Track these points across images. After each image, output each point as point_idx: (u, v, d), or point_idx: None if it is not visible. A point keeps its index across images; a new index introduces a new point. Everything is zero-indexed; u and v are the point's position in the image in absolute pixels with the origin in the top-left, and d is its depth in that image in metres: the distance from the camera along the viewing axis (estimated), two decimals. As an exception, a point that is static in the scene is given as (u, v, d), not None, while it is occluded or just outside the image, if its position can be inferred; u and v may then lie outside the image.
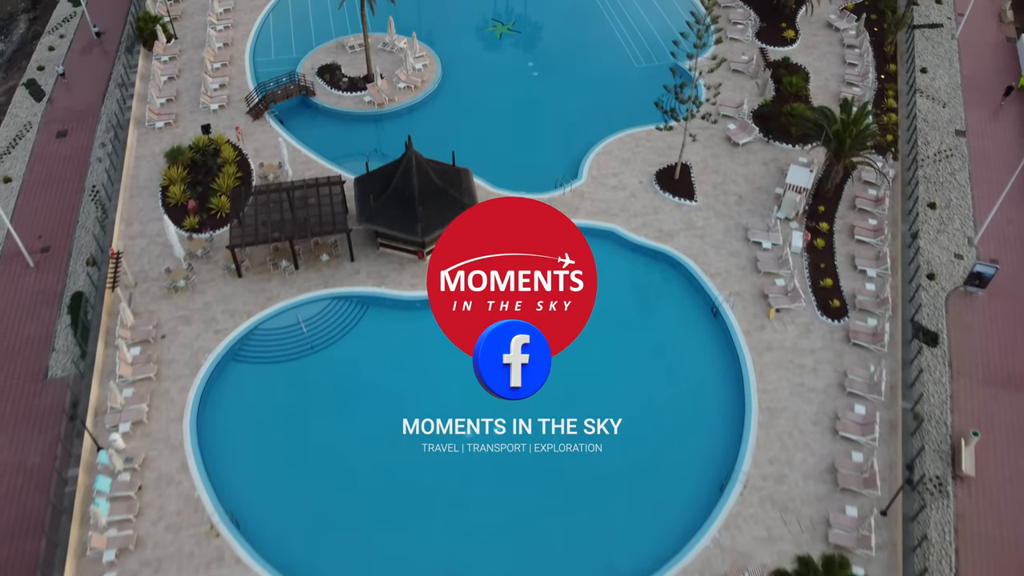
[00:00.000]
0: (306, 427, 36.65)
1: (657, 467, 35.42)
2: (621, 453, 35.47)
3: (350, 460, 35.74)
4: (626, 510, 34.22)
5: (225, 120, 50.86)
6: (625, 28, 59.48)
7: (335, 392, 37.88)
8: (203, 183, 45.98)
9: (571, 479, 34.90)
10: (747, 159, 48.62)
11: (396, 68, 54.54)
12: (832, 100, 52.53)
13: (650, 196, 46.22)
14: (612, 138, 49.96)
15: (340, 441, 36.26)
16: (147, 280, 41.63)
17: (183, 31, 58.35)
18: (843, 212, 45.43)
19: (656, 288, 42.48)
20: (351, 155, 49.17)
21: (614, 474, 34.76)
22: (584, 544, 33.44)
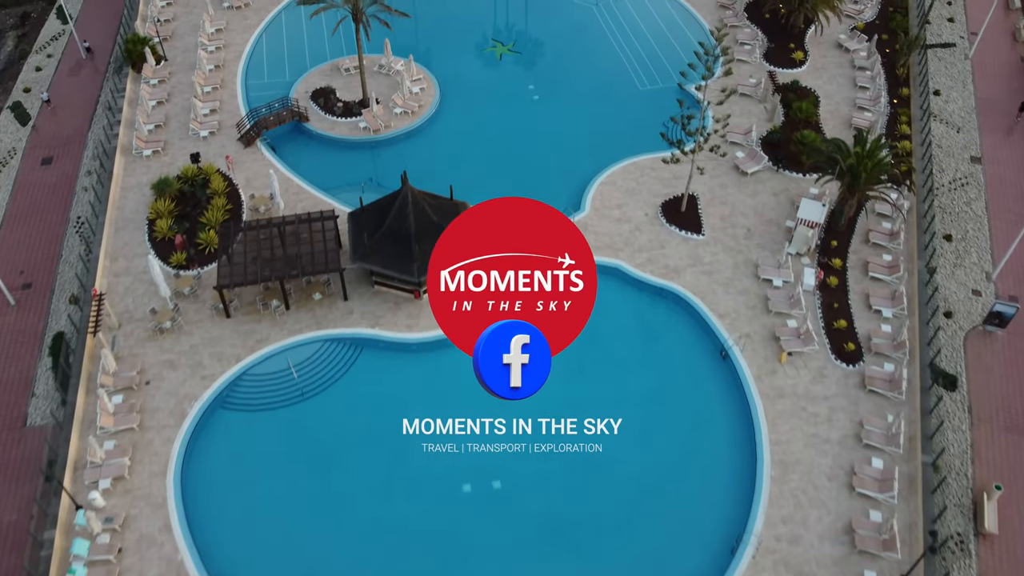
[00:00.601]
0: (296, 480, 34.93)
1: (663, 526, 33.68)
2: (623, 511, 33.98)
3: (344, 516, 33.99)
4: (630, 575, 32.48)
5: (215, 147, 49.14)
6: (628, 48, 57.74)
7: (327, 442, 36.17)
8: (191, 216, 44.27)
9: (575, 539, 33.23)
10: (756, 189, 46.89)
11: (393, 92, 52.84)
12: (843, 125, 50.84)
13: (656, 229, 44.49)
14: (616, 167, 48.23)
15: (333, 496, 34.52)
16: (131, 321, 39.91)
17: (173, 52, 56.63)
18: (856, 246, 43.68)
19: (662, 329, 40.76)
20: (345, 185, 47.54)
21: (615, 537, 33.08)
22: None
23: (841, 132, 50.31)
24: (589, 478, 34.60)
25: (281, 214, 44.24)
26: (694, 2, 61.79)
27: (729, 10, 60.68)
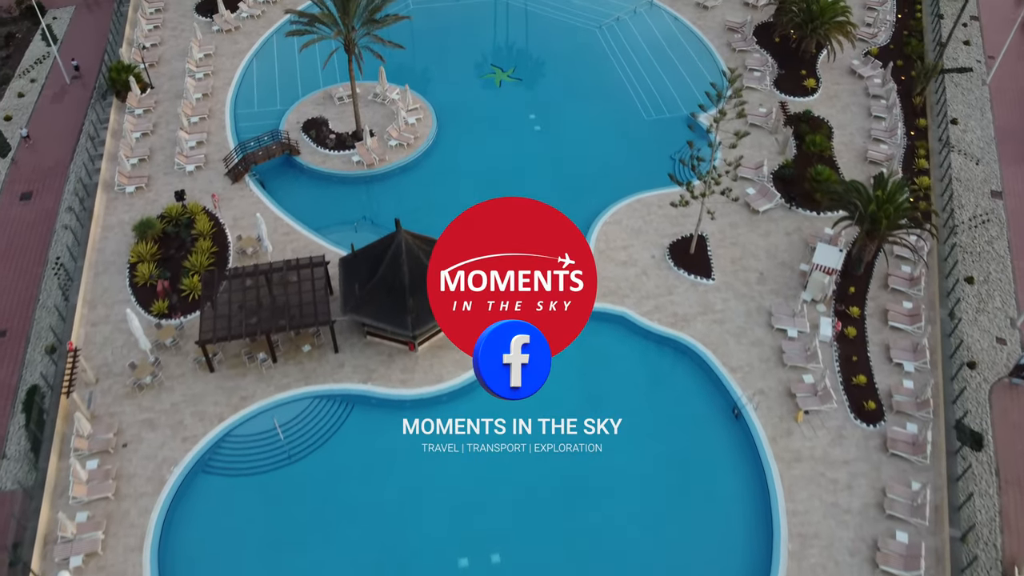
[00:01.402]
0: (282, 552, 32.73)
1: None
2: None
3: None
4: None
5: (202, 183, 46.95)
6: (633, 74, 55.52)
7: (315, 510, 33.97)
8: (175, 259, 42.10)
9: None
10: (768, 228, 44.68)
11: (388, 122, 50.65)
12: (859, 159, 48.65)
13: (663, 274, 42.28)
14: (621, 204, 46.02)
15: (322, 570, 32.31)
16: (109, 376, 37.73)
17: (160, 79, 54.43)
18: (875, 292, 41.46)
19: (671, 383, 38.52)
20: (338, 223, 45.41)
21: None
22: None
23: (856, 166, 48.16)
24: (591, 555, 32.48)
25: (269, 258, 42.11)
26: (701, 25, 59.58)
27: (737, 33, 58.46)
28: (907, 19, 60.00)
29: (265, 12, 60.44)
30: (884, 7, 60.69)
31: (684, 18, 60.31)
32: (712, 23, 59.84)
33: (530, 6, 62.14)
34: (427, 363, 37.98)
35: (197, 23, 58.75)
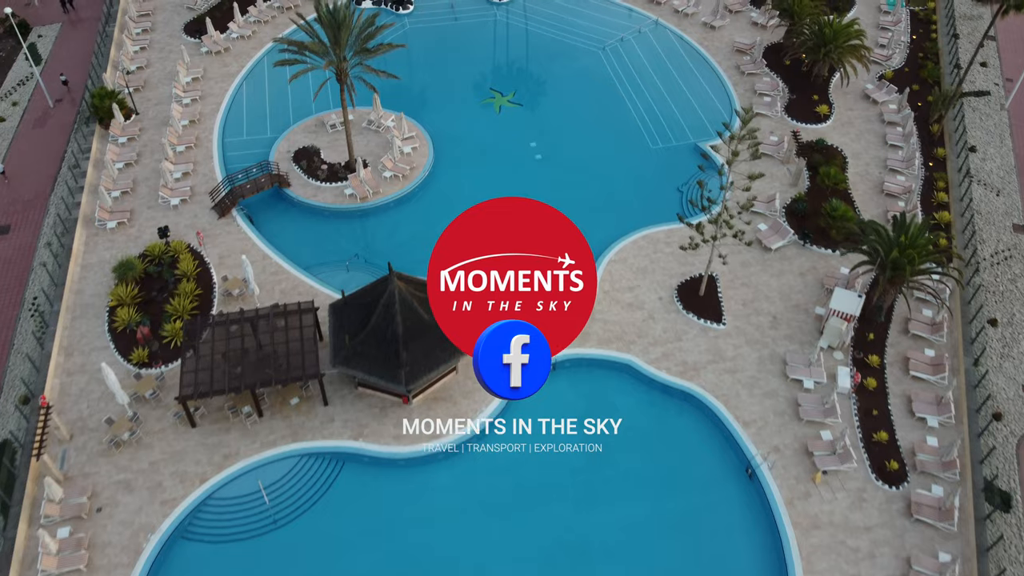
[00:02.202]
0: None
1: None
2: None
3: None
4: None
5: (187, 217, 44.79)
6: (638, 98, 53.40)
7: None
8: (157, 302, 39.94)
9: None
10: (781, 268, 42.51)
11: (382, 151, 48.51)
12: (874, 190, 46.51)
13: (672, 317, 40.11)
14: (626, 240, 43.87)
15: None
16: (84, 431, 35.56)
17: (145, 104, 52.28)
18: (895, 338, 39.31)
19: (680, 438, 36.27)
20: (329, 262, 43.21)
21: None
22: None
23: (873, 199, 46.03)
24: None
25: (256, 300, 39.96)
26: (708, 46, 57.45)
27: (746, 55, 56.34)
28: (922, 40, 57.91)
29: (256, 33, 58.36)
30: (898, 27, 58.59)
31: (690, 38, 58.21)
32: (720, 44, 57.72)
33: (531, 26, 60.03)
34: (422, 417, 35.81)
35: (185, 45, 56.68)
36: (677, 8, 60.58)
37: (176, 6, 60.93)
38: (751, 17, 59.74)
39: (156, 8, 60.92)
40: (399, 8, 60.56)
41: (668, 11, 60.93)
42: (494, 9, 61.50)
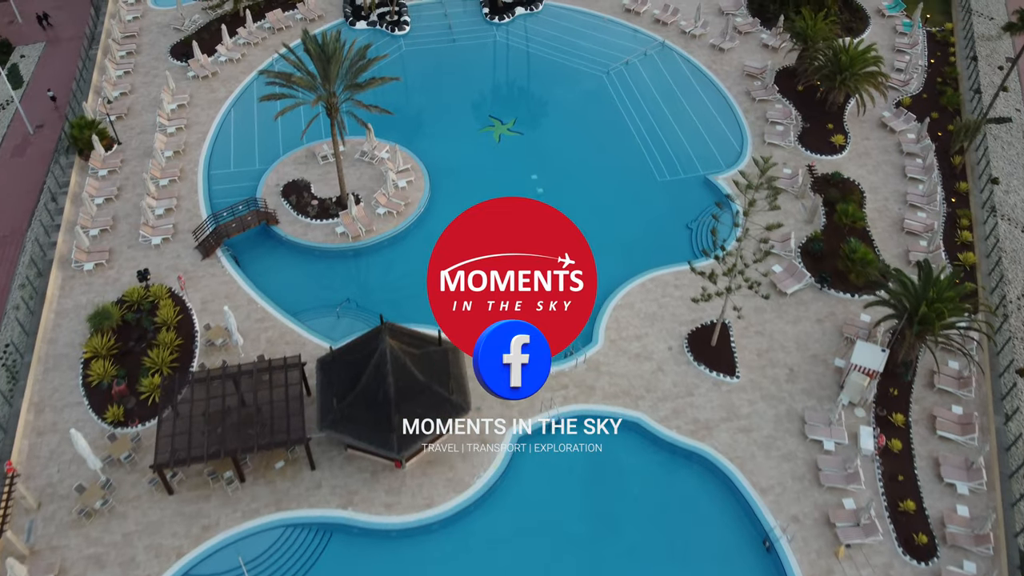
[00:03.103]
0: None
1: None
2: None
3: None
4: None
5: (169, 257, 42.41)
6: (644, 126, 51.02)
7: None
8: (134, 352, 37.56)
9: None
10: (797, 314, 40.12)
11: (376, 184, 46.15)
12: (894, 228, 44.11)
13: (682, 370, 37.72)
14: (633, 283, 41.49)
15: None
16: (54, 499, 33.16)
17: (128, 133, 49.88)
18: (920, 392, 36.92)
19: (691, 505, 33.84)
20: (319, 306, 40.85)
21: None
22: None
23: (892, 237, 43.64)
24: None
25: (240, 351, 37.60)
26: (717, 70, 55.05)
27: (757, 80, 53.94)
28: (940, 64, 55.49)
29: (245, 55, 55.99)
30: (915, 50, 56.18)
31: (698, 61, 55.81)
32: (729, 67, 55.32)
33: (532, 47, 57.65)
34: (416, 483, 33.48)
35: (171, 69, 54.30)
36: (684, 29, 58.16)
37: (162, 27, 58.58)
38: (761, 39, 57.35)
39: (142, 28, 58.57)
40: (394, 29, 58.17)
41: (675, 32, 58.52)
42: (493, 30, 59.14)
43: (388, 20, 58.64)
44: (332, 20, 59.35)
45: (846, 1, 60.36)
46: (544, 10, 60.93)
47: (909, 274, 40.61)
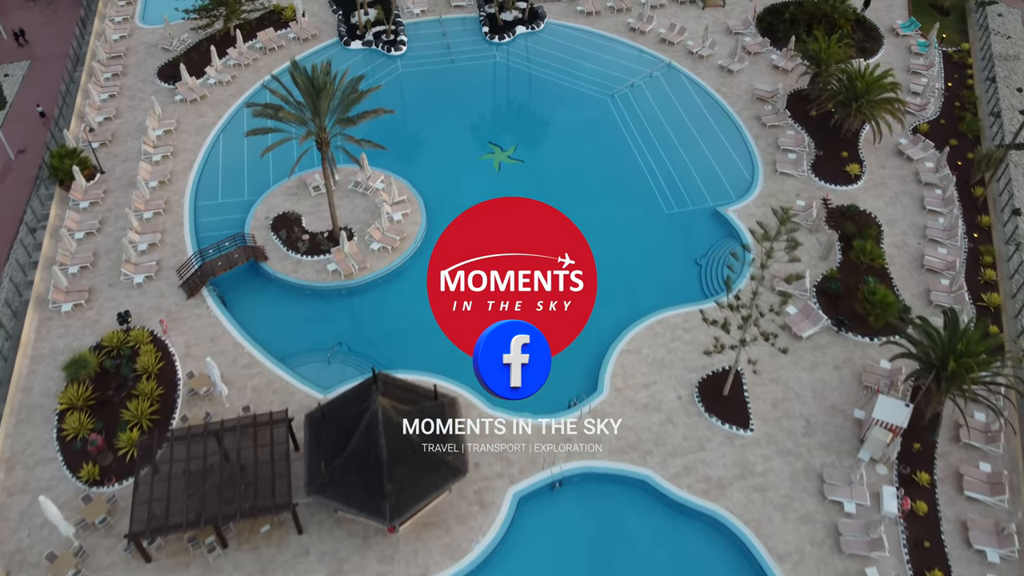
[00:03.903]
0: None
1: None
2: None
3: None
4: None
5: (151, 297, 40.33)
6: (650, 154, 48.95)
7: None
8: (113, 401, 35.50)
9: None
10: (813, 359, 38.03)
11: (370, 216, 44.09)
12: (914, 265, 42.01)
13: (693, 422, 35.62)
14: (640, 326, 39.38)
15: None
16: (24, 567, 31.05)
17: (112, 161, 47.79)
18: (945, 447, 34.80)
19: (704, 572, 31.75)
20: (309, 350, 38.76)
21: None
22: None
23: (912, 275, 41.54)
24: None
25: (225, 401, 35.54)
26: (726, 93, 52.97)
27: (767, 104, 51.86)
28: (958, 87, 53.38)
29: (236, 77, 53.93)
30: (931, 72, 54.10)
31: (706, 83, 53.73)
32: (738, 90, 53.23)
33: (533, 69, 55.57)
34: (410, 549, 31.40)
35: (157, 93, 52.23)
36: (691, 49, 56.08)
37: (150, 46, 56.52)
38: (772, 60, 55.26)
39: (129, 48, 56.50)
40: (391, 50, 56.09)
41: (681, 52, 56.45)
42: (493, 50, 57.05)
43: (384, 40, 56.57)
44: (326, 40, 57.30)
45: (858, 20, 58.27)
46: (546, 29, 58.88)
47: (931, 316, 38.70)
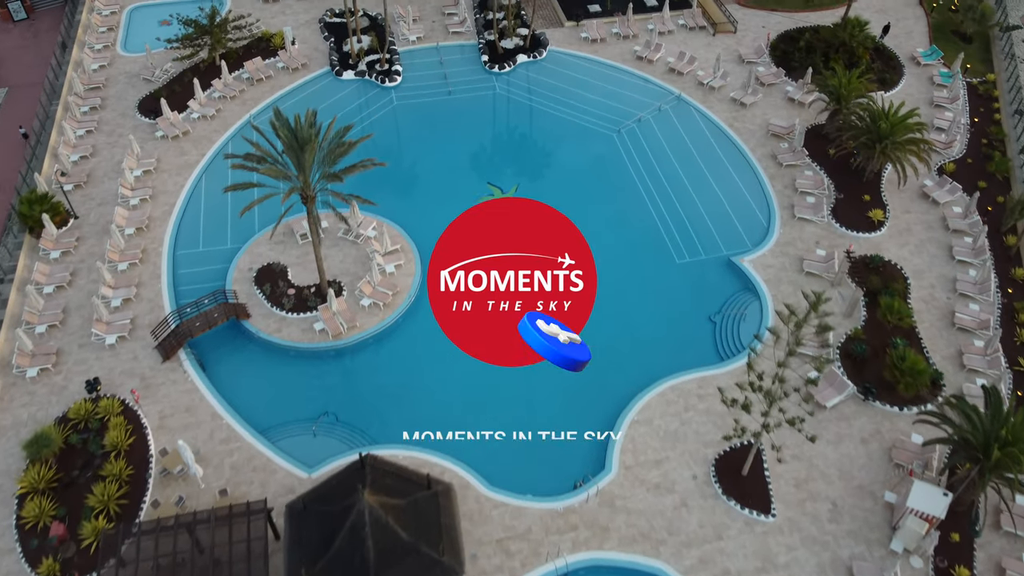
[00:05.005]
0: None
1: None
2: None
3: None
4: None
5: (124, 359, 37.46)
6: (660, 197, 46.08)
7: None
8: (79, 482, 32.63)
9: None
10: (838, 431, 35.16)
11: (361, 267, 41.27)
12: (944, 322, 39.16)
13: (709, 506, 32.73)
14: (650, 393, 36.48)
15: None
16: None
17: (87, 205, 44.89)
18: (985, 535, 31.90)
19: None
20: (293, 421, 35.84)
21: None
22: None
23: (942, 335, 38.67)
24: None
25: (200, 482, 32.65)
26: (739, 128, 50.10)
27: (783, 142, 48.96)
28: (984, 123, 50.49)
29: (220, 111, 51.01)
30: (956, 106, 51.22)
31: (718, 118, 50.85)
32: (752, 125, 50.35)
33: (535, 101, 52.68)
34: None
35: (136, 130, 49.33)
36: (702, 80, 53.18)
37: (131, 76, 53.61)
38: (787, 92, 52.35)
39: (109, 79, 53.57)
40: (385, 80, 53.17)
41: (691, 83, 53.56)
42: (493, 80, 54.13)
43: (378, 70, 53.64)
44: (317, 69, 54.38)
45: (877, 48, 55.38)
46: (548, 57, 55.99)
47: (965, 383, 35.95)
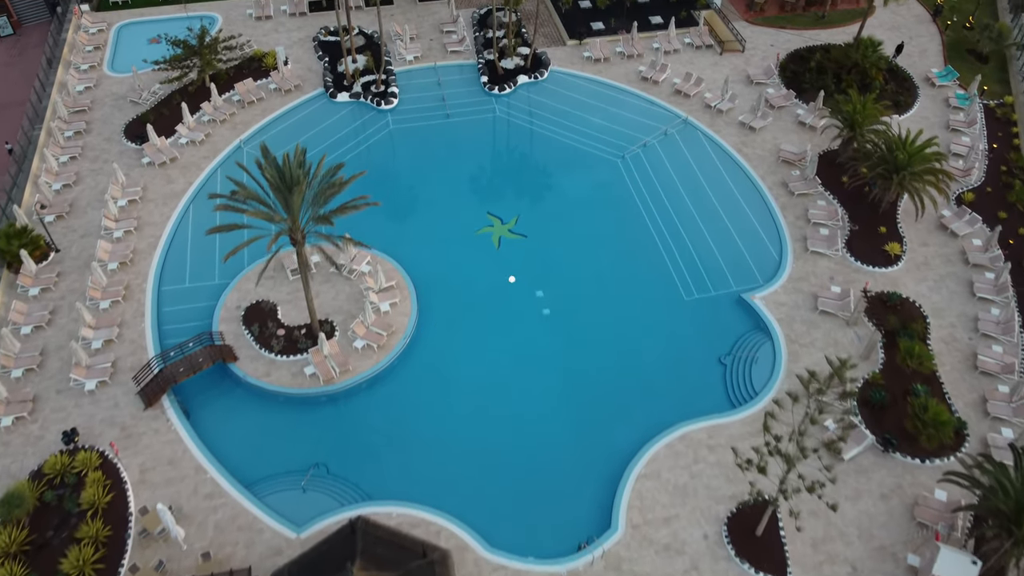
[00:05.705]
0: None
1: None
2: None
3: None
4: None
5: (104, 407, 35.58)
6: (667, 229, 44.22)
7: None
8: (52, 544, 30.75)
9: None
10: (857, 486, 33.29)
11: (354, 304, 39.41)
12: (966, 366, 37.34)
13: (722, 569, 30.85)
14: (659, 443, 34.62)
15: None
16: None
17: (69, 237, 43.00)
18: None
19: None
20: (282, 474, 33.94)
21: None
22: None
23: (964, 379, 36.83)
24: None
25: (181, 544, 30.76)
26: (748, 153, 48.25)
27: (795, 169, 47.09)
28: (1003, 148, 48.61)
29: (210, 136, 49.12)
30: (973, 130, 49.34)
31: (726, 143, 48.99)
32: (761, 150, 48.48)
33: (536, 125, 50.78)
34: None
35: (122, 156, 47.46)
36: (709, 102, 51.32)
37: (117, 98, 51.71)
38: (797, 115, 50.49)
39: (95, 101, 51.64)
40: (380, 102, 51.28)
41: (698, 105, 51.70)
42: (493, 102, 52.24)
43: (373, 92, 51.74)
44: (310, 91, 52.48)
45: (890, 69, 53.51)
46: (550, 78, 54.13)
47: (989, 432, 34.09)
